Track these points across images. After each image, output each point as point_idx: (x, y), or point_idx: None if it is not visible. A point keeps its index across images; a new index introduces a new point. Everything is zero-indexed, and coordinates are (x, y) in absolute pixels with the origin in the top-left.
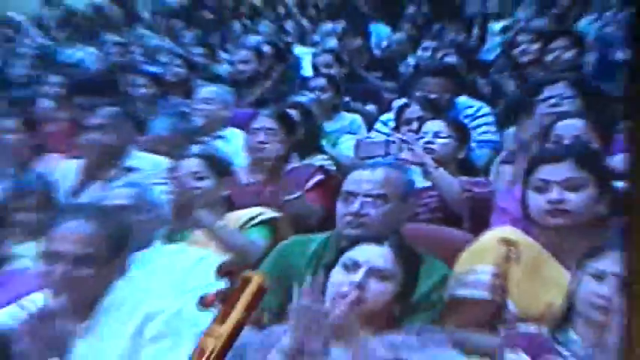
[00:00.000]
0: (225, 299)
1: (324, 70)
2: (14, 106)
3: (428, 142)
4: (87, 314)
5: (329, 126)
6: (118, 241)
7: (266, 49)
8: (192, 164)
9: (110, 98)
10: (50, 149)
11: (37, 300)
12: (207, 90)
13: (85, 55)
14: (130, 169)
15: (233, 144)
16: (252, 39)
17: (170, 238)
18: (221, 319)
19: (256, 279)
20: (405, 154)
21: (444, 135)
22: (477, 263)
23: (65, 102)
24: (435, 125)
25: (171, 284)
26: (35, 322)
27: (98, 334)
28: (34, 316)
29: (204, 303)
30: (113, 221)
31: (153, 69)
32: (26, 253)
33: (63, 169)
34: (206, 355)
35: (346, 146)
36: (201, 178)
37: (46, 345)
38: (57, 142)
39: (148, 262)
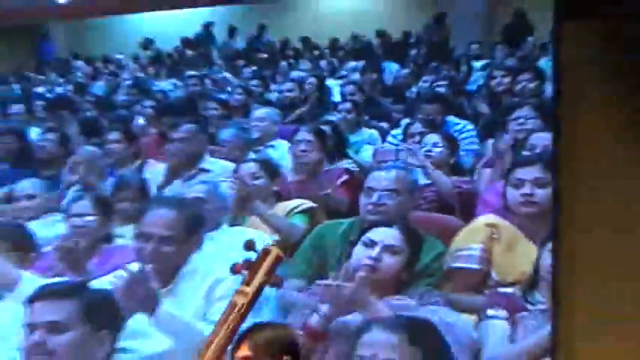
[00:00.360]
0: (250, 267)
1: (349, 97)
2: (117, 123)
3: (427, 151)
4: (169, 280)
5: (353, 138)
6: (193, 224)
7: (309, 80)
8: (250, 167)
9: (189, 118)
10: (144, 155)
11: (132, 268)
12: (260, 111)
13: (170, 85)
14: (203, 170)
15: (280, 151)
16: (295, 74)
17: (233, 222)
18: (247, 281)
19: (274, 251)
20: (410, 159)
21: (440, 145)
22: (469, 242)
23: (155, 120)
24: (432, 138)
25: (234, 256)
26: (131, 285)
27: (178, 295)
28: (130, 281)
29: (234, 270)
30: (189, 210)
31: (221, 96)
32: (125, 234)
33: (153, 170)
34: (237, 308)
35: (366, 154)
36: (257, 178)
37: (138, 302)
38: (149, 150)
39: (217, 240)
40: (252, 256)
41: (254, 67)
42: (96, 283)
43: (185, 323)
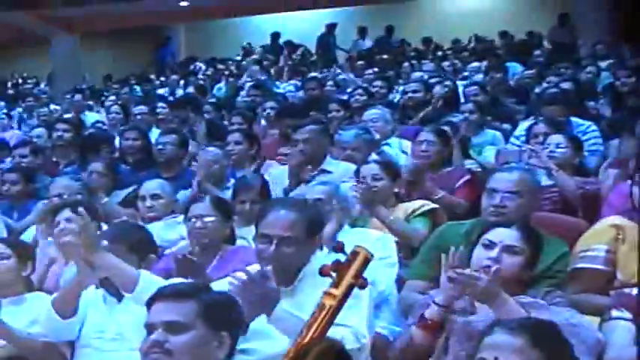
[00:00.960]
0: (339, 269)
1: (472, 98)
2: (238, 125)
3: (551, 152)
4: (291, 281)
5: (476, 139)
6: (313, 226)
7: (432, 81)
8: (372, 168)
9: (309, 119)
10: (264, 157)
11: (252, 270)
12: (370, 112)
13: (290, 86)
14: (325, 172)
15: (394, 148)
16: (418, 75)
17: (355, 224)
18: (336, 284)
19: (363, 252)
20: (533, 161)
21: (563, 146)
22: (594, 243)
23: (276, 122)
24: (556, 139)
25: None
26: (250, 286)
27: (299, 295)
28: (249, 282)
29: (322, 272)
30: (310, 211)
31: (342, 97)
32: (246, 235)
33: (273, 172)
34: (326, 310)
35: (489, 154)
36: (378, 180)
37: (258, 304)
38: (270, 151)
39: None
40: (341, 258)
41: (375, 69)
42: (216, 285)
43: (302, 320)
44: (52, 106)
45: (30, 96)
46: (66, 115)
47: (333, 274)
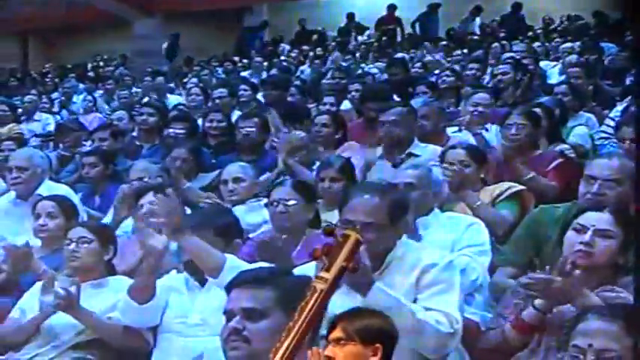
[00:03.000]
0: (330, 252)
1: (565, 80)
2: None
3: None
4: (378, 266)
5: (571, 122)
6: (396, 211)
7: (525, 62)
8: (459, 153)
9: (394, 102)
10: (350, 139)
11: None
12: (478, 95)
13: (374, 69)
14: (413, 155)
15: (491, 134)
16: (509, 56)
17: (444, 208)
18: (327, 267)
19: (353, 235)
20: (628, 146)
21: None
22: None
23: (360, 104)
24: None
25: (445, 243)
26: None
27: (386, 281)
28: None
29: (314, 256)
30: (393, 196)
31: (430, 79)
32: (330, 219)
33: (359, 155)
34: (317, 294)
35: (583, 138)
36: (466, 165)
37: (351, 285)
38: (355, 134)
39: (428, 226)
40: (332, 241)
41: (466, 49)
42: (302, 269)
43: (398, 300)
44: (134, 89)
45: (110, 79)
46: (146, 99)
47: (325, 258)
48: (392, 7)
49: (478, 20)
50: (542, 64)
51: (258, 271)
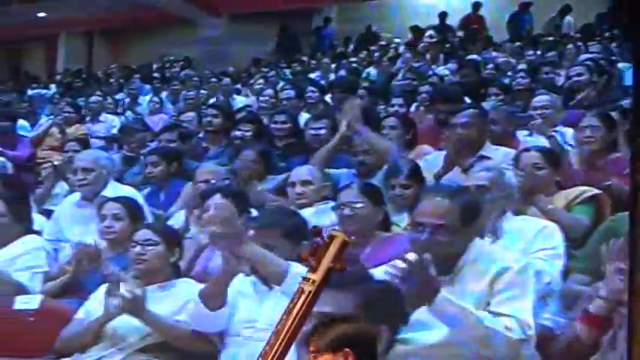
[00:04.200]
0: (317, 253)
1: None
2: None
3: None
4: (449, 269)
5: None
6: (468, 213)
7: (601, 63)
8: (533, 156)
9: (465, 104)
10: (419, 142)
11: (410, 258)
12: (541, 98)
13: (445, 70)
14: (484, 158)
15: (566, 137)
16: (586, 57)
17: (517, 212)
18: (314, 268)
19: (340, 236)
20: None
21: None
22: None
23: (431, 106)
24: None
25: (518, 246)
26: (410, 275)
27: (459, 284)
28: (409, 270)
29: (301, 258)
30: (465, 198)
31: (503, 80)
32: (400, 222)
33: (429, 158)
34: (305, 295)
35: None
36: (540, 168)
37: (419, 291)
38: (425, 137)
39: (500, 229)
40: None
41: (540, 50)
42: (375, 273)
43: (463, 309)
44: (200, 91)
45: (176, 80)
46: (212, 100)
47: (311, 260)
48: (477, 6)
49: (570, 19)
50: (619, 65)
51: (339, 275)
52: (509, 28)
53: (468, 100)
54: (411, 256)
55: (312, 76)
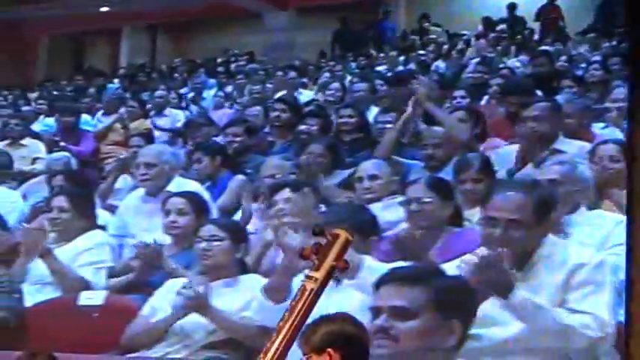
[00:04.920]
0: (319, 251)
1: None
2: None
3: None
4: (523, 264)
5: None
6: (543, 208)
7: None
8: (610, 149)
9: (538, 96)
10: (490, 135)
11: (482, 253)
12: (618, 90)
13: (517, 62)
14: (557, 151)
15: None
16: None
17: (591, 206)
18: (317, 267)
19: (343, 235)
20: None
21: None
22: None
23: (502, 99)
24: None
25: (593, 241)
26: (482, 270)
27: (533, 279)
28: (482, 265)
29: (303, 255)
30: (539, 193)
31: (577, 73)
32: (471, 218)
33: (500, 151)
34: (307, 294)
35: None
36: (616, 161)
37: (493, 287)
38: (497, 130)
39: (575, 224)
40: (322, 240)
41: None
42: (446, 268)
43: (539, 306)
44: (266, 85)
45: (241, 73)
46: (278, 94)
47: (314, 258)
48: None
49: None
50: None
51: (411, 269)
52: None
53: (540, 92)
54: (483, 251)
55: (380, 68)
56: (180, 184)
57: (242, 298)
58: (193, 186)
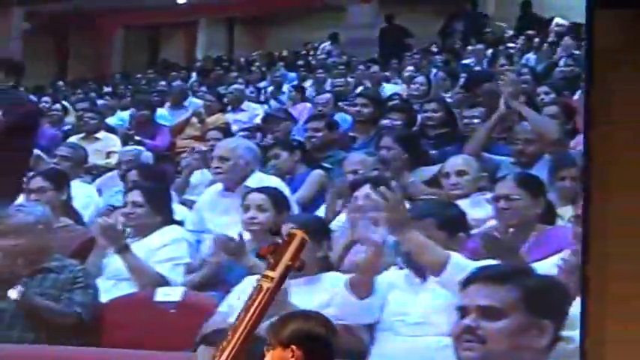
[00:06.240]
0: (275, 251)
1: None
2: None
3: None
4: None
5: None
6: None
7: None
8: None
9: None
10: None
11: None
12: None
13: None
14: None
15: None
16: None
17: None
18: (272, 266)
19: (299, 234)
20: None
21: None
22: None
23: None
24: None
25: None
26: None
27: None
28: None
29: (260, 254)
30: None
31: None
32: (564, 214)
33: None
34: (263, 293)
35: None
36: None
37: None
38: None
39: None
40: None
41: None
42: (537, 267)
43: None
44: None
45: (322, 67)
46: (360, 88)
47: (270, 257)
48: None
49: None
50: None
51: (501, 268)
52: None
53: None
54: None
55: (466, 62)
56: (260, 179)
57: (323, 296)
58: (273, 181)
